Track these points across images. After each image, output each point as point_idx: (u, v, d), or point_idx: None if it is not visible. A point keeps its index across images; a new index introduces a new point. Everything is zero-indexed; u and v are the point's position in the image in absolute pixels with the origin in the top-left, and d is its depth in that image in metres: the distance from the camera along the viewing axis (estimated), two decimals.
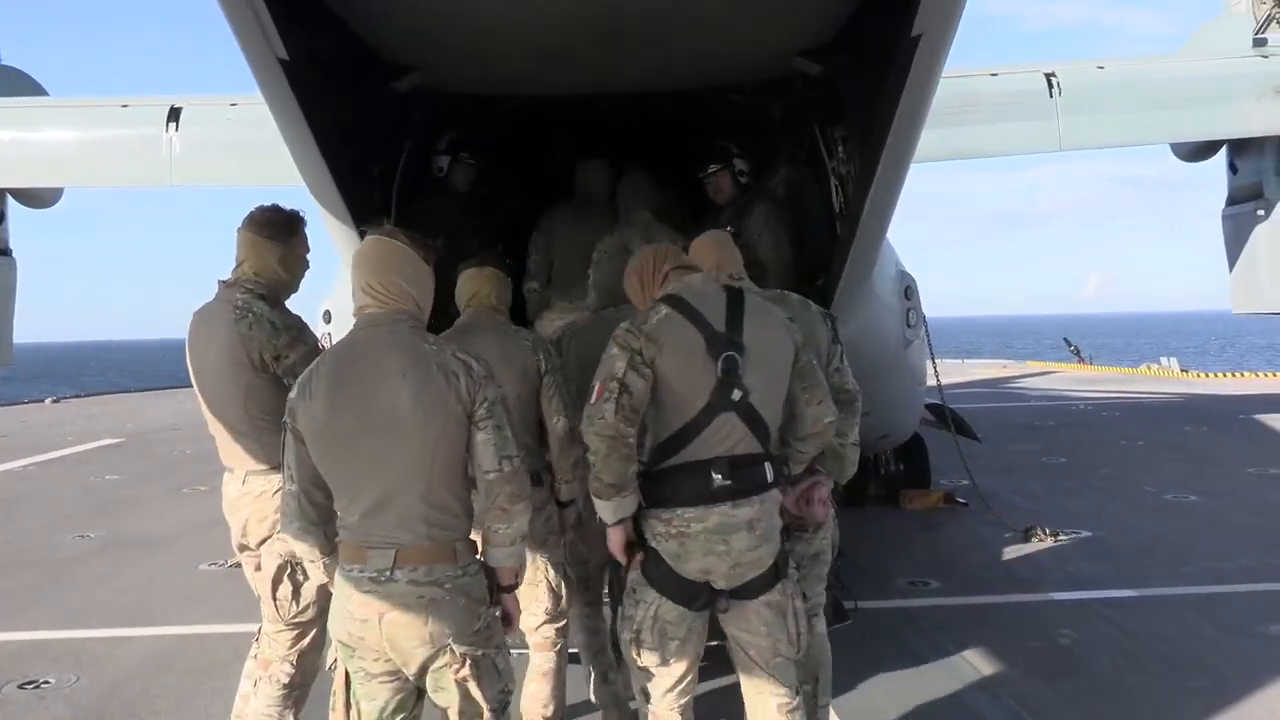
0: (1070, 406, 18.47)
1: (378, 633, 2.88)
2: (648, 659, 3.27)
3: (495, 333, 4.12)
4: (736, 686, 3.52)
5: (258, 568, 3.84)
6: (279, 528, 3.31)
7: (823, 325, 3.89)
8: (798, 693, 3.39)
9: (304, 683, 3.88)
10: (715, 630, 3.42)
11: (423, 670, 2.94)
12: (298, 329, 3.75)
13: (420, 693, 3.04)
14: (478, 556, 3.03)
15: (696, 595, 3.21)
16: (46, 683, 5.33)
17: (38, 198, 11.66)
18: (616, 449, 3.10)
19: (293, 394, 3.01)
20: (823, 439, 3.46)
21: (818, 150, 6.07)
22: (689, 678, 3.32)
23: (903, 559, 7.45)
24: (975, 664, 5.24)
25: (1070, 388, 22.45)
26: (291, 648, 3.80)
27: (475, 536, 3.06)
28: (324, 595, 3.77)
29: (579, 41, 4.89)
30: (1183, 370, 26.86)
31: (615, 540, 3.29)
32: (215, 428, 3.81)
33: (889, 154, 4.52)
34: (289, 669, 3.80)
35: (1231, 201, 11.14)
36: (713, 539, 3.15)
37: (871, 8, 4.51)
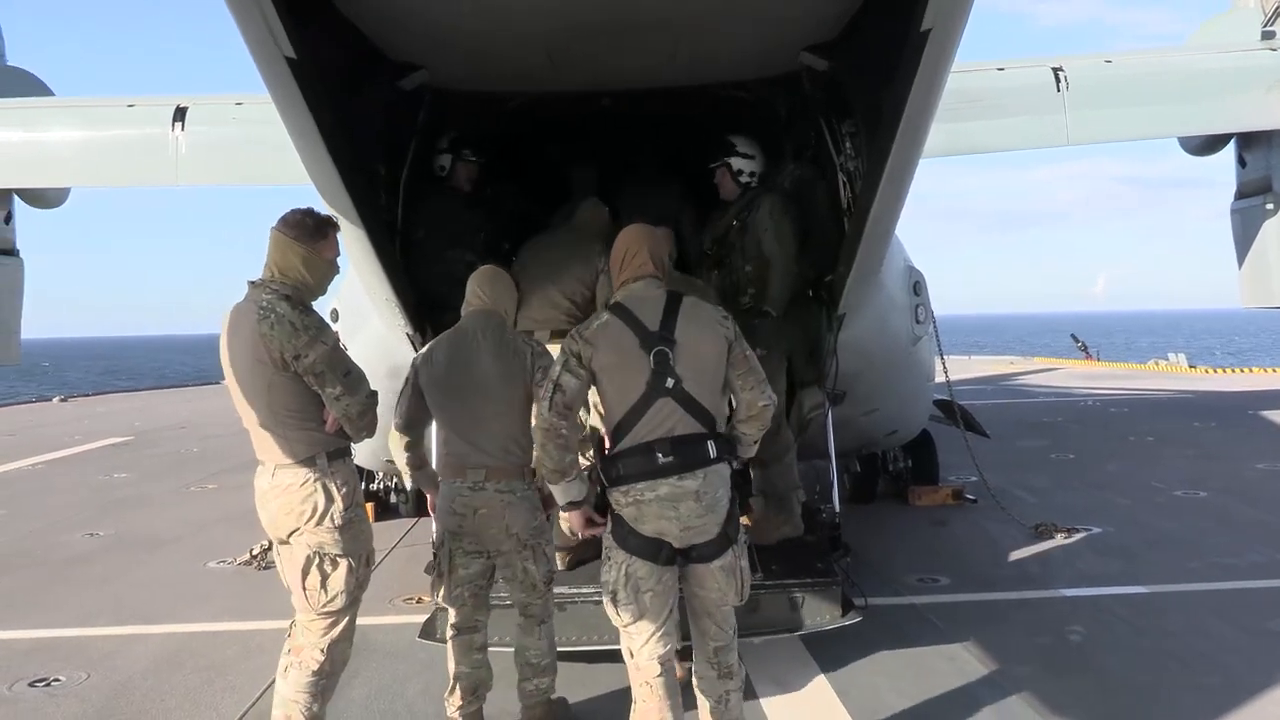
0: (1078, 402, 18.43)
1: (472, 523, 4.28)
2: (625, 614, 3.68)
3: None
4: None
5: (288, 559, 3.91)
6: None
7: None
8: (734, 633, 3.83)
9: (333, 671, 3.96)
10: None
11: (497, 553, 4.34)
12: (317, 329, 3.82)
13: (494, 568, 4.44)
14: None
15: (659, 550, 3.65)
16: (57, 680, 5.34)
17: (44, 198, 11.65)
18: (551, 439, 3.65)
19: (417, 359, 4.50)
20: (760, 421, 3.80)
21: (825, 146, 6.05)
22: (664, 630, 3.70)
23: (912, 555, 7.44)
24: (985, 660, 5.23)
25: (1077, 383, 22.40)
26: (323, 636, 3.90)
27: None
28: (353, 585, 3.91)
29: (584, 39, 4.88)
30: (1191, 366, 26.74)
31: (573, 520, 3.92)
32: (248, 423, 3.92)
33: (898, 149, 4.50)
34: (319, 655, 3.89)
35: (1240, 195, 11.05)
36: (664, 506, 3.61)
37: (879, 3, 4.48)
